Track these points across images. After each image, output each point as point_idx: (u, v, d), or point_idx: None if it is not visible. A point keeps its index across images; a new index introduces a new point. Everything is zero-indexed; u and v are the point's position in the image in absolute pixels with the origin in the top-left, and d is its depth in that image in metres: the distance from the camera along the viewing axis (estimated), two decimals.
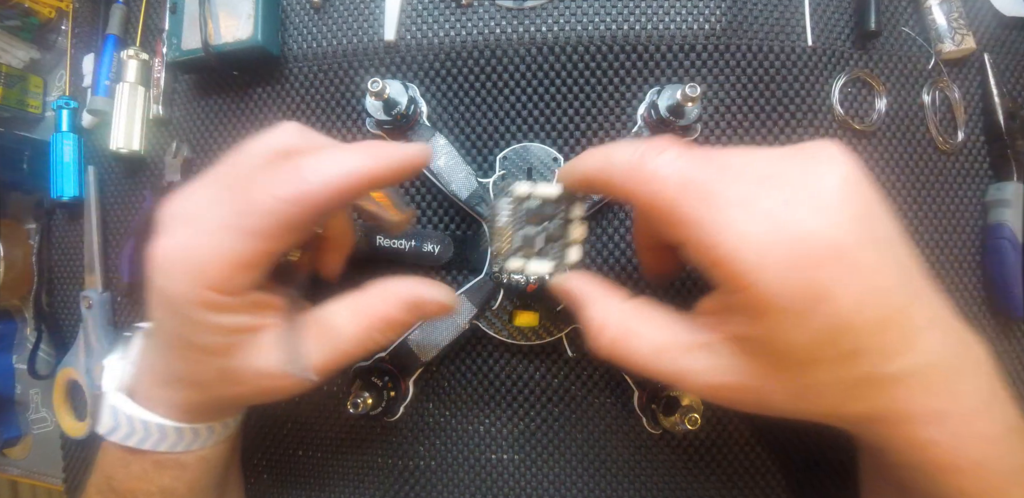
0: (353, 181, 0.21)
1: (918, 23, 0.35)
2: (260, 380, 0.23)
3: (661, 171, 0.19)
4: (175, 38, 0.35)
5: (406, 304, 0.24)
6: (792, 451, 0.32)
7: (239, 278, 0.21)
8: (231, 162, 0.23)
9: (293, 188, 0.20)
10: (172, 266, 0.21)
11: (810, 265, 0.17)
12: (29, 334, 0.44)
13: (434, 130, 0.32)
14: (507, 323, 0.31)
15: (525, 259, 0.26)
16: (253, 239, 0.21)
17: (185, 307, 0.21)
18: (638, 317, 0.22)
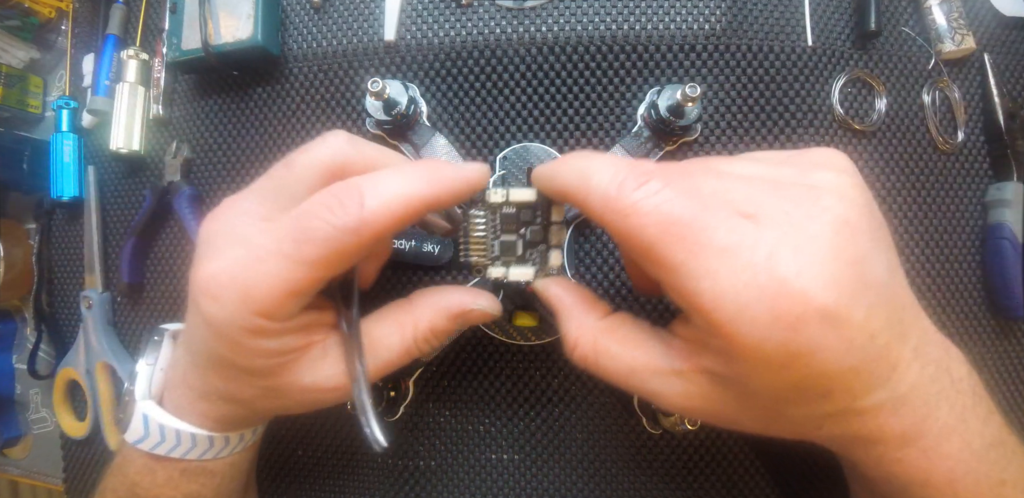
0: (412, 208, 0.20)
1: (918, 23, 0.35)
2: (304, 395, 0.23)
3: (641, 206, 0.18)
4: (175, 38, 0.35)
5: (452, 314, 0.24)
6: (797, 447, 0.32)
7: (290, 305, 0.21)
8: (279, 176, 0.23)
9: (352, 217, 0.19)
10: (221, 291, 0.21)
11: (792, 325, 0.16)
12: (29, 334, 0.44)
13: (434, 130, 0.32)
14: (507, 323, 0.31)
15: (505, 267, 0.25)
16: (308, 268, 0.20)
17: (233, 333, 0.21)
18: (612, 337, 0.22)
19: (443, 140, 0.32)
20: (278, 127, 0.36)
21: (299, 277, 0.20)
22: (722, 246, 0.17)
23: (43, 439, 0.44)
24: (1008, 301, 0.33)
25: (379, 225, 0.20)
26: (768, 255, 0.17)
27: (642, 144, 0.31)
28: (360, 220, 0.19)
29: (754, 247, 0.17)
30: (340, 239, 0.20)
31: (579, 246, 0.33)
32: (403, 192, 0.20)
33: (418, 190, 0.21)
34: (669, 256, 0.18)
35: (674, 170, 0.19)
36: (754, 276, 0.17)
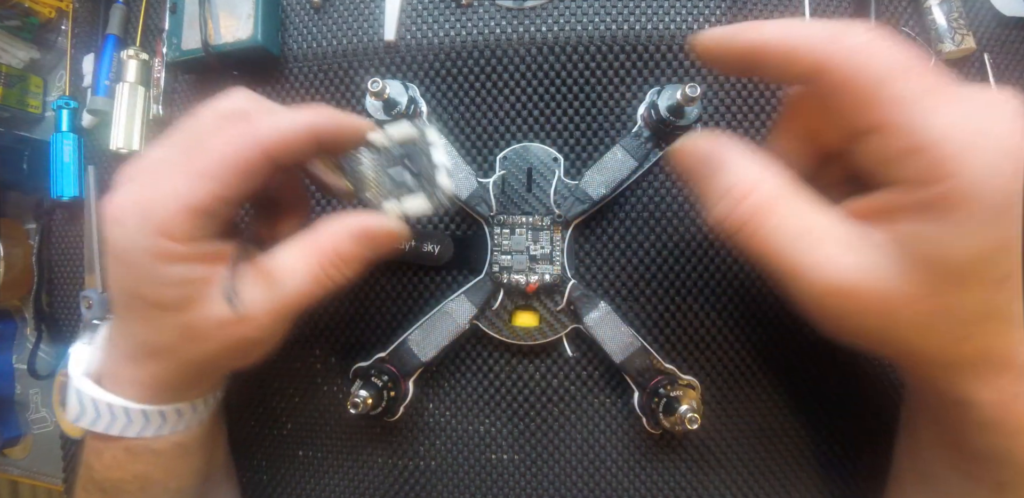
0: (299, 132, 0.22)
1: (918, 23, 0.34)
2: (222, 331, 0.23)
3: (878, 44, 0.18)
4: (175, 38, 0.35)
5: (355, 236, 0.24)
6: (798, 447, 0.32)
7: (191, 223, 0.21)
8: (184, 126, 0.23)
9: (243, 133, 0.21)
10: (124, 216, 0.21)
11: (1017, 166, 0.16)
12: (29, 334, 0.44)
13: None
14: (507, 323, 0.32)
15: (398, 200, 0.25)
16: (203, 180, 0.21)
17: (138, 257, 0.21)
18: (794, 190, 0.20)
19: (443, 140, 0.32)
20: None
21: (197, 190, 0.21)
22: (955, 91, 0.17)
23: (43, 439, 0.44)
24: None
25: (268, 142, 0.22)
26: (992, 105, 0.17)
27: (642, 144, 0.31)
28: (250, 135, 0.21)
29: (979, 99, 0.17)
30: (233, 153, 0.21)
31: (579, 246, 0.33)
32: (291, 118, 0.22)
33: (304, 119, 0.23)
34: (903, 90, 0.17)
35: None
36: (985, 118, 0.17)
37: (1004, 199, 0.16)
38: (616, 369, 0.31)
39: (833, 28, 0.18)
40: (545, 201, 0.31)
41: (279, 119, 0.22)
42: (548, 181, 0.31)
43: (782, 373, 0.32)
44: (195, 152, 0.21)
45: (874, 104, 0.18)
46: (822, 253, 0.19)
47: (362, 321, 0.34)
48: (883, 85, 0.17)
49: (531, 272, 0.31)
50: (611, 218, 0.33)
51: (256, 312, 0.23)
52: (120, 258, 0.22)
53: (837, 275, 0.18)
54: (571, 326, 0.31)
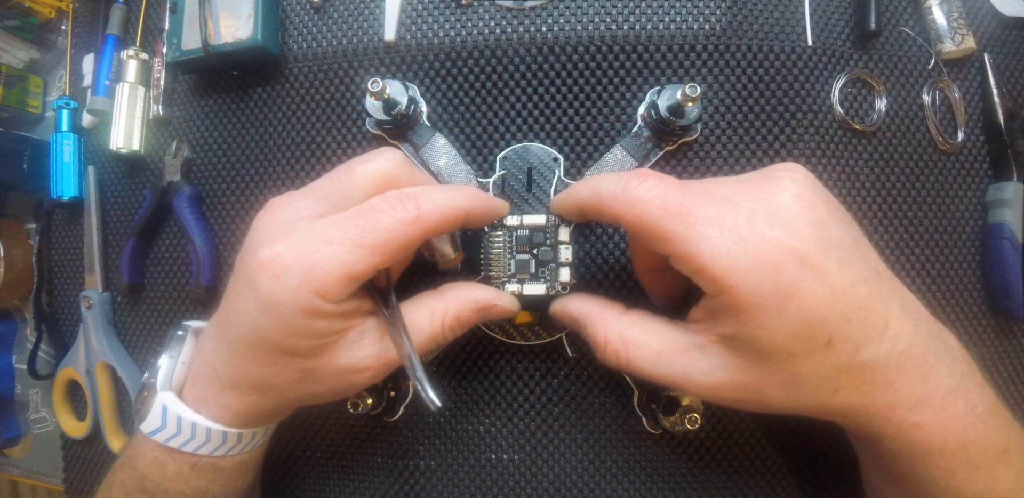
0: (457, 214, 0.24)
1: (918, 23, 0.35)
2: (338, 377, 0.24)
3: (644, 196, 0.22)
4: (175, 38, 0.35)
5: (479, 307, 0.27)
6: (797, 447, 0.32)
7: (346, 288, 0.23)
8: (338, 180, 0.25)
9: (411, 213, 0.23)
10: (284, 270, 0.22)
11: (775, 268, 0.20)
12: (29, 334, 0.44)
13: (434, 130, 0.32)
14: (507, 323, 0.32)
15: (520, 283, 0.29)
16: (370, 254, 0.22)
17: (288, 311, 0.22)
18: (635, 327, 0.25)
19: (443, 140, 0.32)
20: (278, 127, 0.36)
21: (359, 261, 0.22)
22: (711, 216, 0.21)
23: (43, 439, 0.44)
24: (1008, 301, 0.33)
25: (430, 221, 0.23)
26: (747, 219, 0.21)
27: (642, 144, 0.31)
28: (417, 216, 0.23)
29: (735, 215, 0.21)
30: (399, 230, 0.23)
31: (579, 246, 0.33)
32: (450, 199, 0.24)
33: (461, 201, 0.25)
34: (671, 229, 0.21)
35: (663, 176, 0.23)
36: (738, 234, 0.20)
37: (773, 299, 0.20)
38: (616, 369, 0.31)
39: (617, 185, 0.23)
40: (545, 201, 0.31)
41: (440, 202, 0.24)
42: (548, 181, 0.31)
43: None
44: (364, 223, 0.23)
45: (657, 241, 0.22)
46: (678, 369, 0.23)
47: None
48: (657, 227, 0.21)
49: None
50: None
51: (376, 363, 0.25)
52: (269, 310, 0.23)
53: (699, 380, 0.23)
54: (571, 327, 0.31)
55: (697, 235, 0.21)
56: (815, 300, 0.20)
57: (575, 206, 0.26)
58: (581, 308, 0.27)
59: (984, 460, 0.22)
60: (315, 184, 0.26)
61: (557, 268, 0.28)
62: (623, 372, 0.25)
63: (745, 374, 0.22)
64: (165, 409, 0.25)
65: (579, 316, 0.27)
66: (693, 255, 0.21)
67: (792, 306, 0.20)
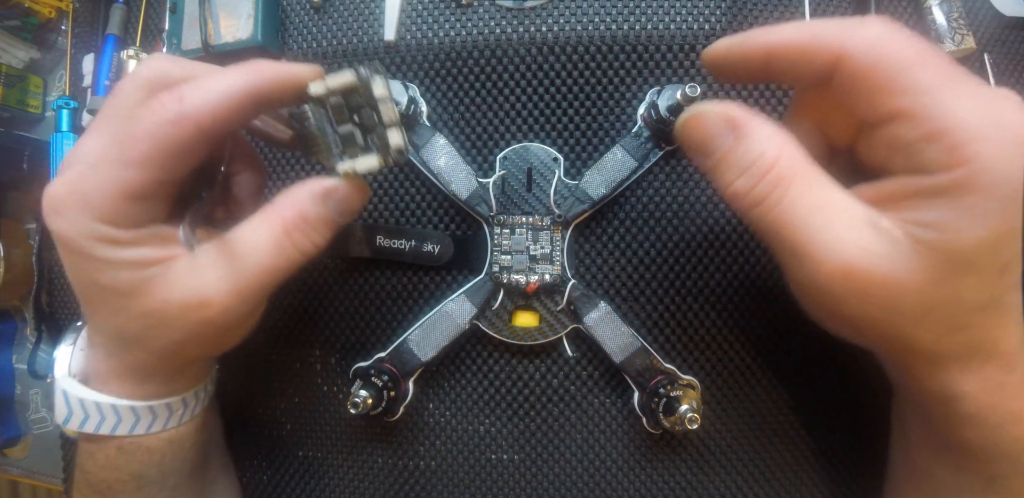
0: (235, 99, 0.21)
1: (918, 23, 0.34)
2: (184, 315, 0.22)
3: (895, 35, 0.18)
4: (175, 38, 0.35)
5: (317, 195, 0.23)
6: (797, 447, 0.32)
7: (130, 209, 0.21)
8: (110, 103, 0.23)
9: (171, 110, 0.20)
10: (61, 205, 0.21)
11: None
12: (29, 334, 0.44)
13: (434, 130, 0.32)
14: (507, 323, 0.32)
15: (352, 159, 0.23)
16: (136, 166, 0.20)
17: (84, 244, 0.21)
18: (812, 166, 0.20)
19: (443, 140, 0.32)
20: None
21: (130, 177, 0.20)
22: (972, 82, 0.18)
23: (43, 439, 0.44)
24: None
25: (202, 114, 0.20)
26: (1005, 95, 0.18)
27: (642, 144, 0.31)
28: (179, 112, 0.20)
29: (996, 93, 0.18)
30: (163, 133, 0.20)
31: (579, 246, 0.33)
32: (223, 85, 0.21)
33: (235, 82, 0.21)
34: (921, 79, 0.18)
35: None
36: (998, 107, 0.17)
37: (1013, 187, 0.17)
38: (616, 369, 0.31)
39: (848, 22, 0.19)
40: (545, 201, 0.31)
41: (208, 87, 0.21)
42: (548, 181, 0.31)
43: (782, 372, 0.32)
44: (125, 136, 0.21)
45: (894, 92, 0.18)
46: (835, 231, 0.19)
47: (362, 321, 0.34)
48: (902, 74, 0.18)
49: (531, 272, 0.31)
50: (611, 218, 0.33)
51: (219, 293, 0.22)
52: (68, 247, 0.21)
53: (847, 256, 0.18)
54: (571, 326, 0.31)
55: (953, 93, 0.17)
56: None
57: (765, 47, 0.20)
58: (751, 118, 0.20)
59: None
60: (94, 118, 0.23)
61: (384, 130, 0.23)
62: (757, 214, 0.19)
63: (908, 271, 0.18)
64: (66, 394, 0.24)
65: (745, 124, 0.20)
66: (941, 114, 0.17)
67: (1016, 206, 0.17)
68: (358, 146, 0.23)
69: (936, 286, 0.18)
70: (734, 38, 0.22)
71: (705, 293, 0.32)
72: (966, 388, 0.20)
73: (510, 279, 0.31)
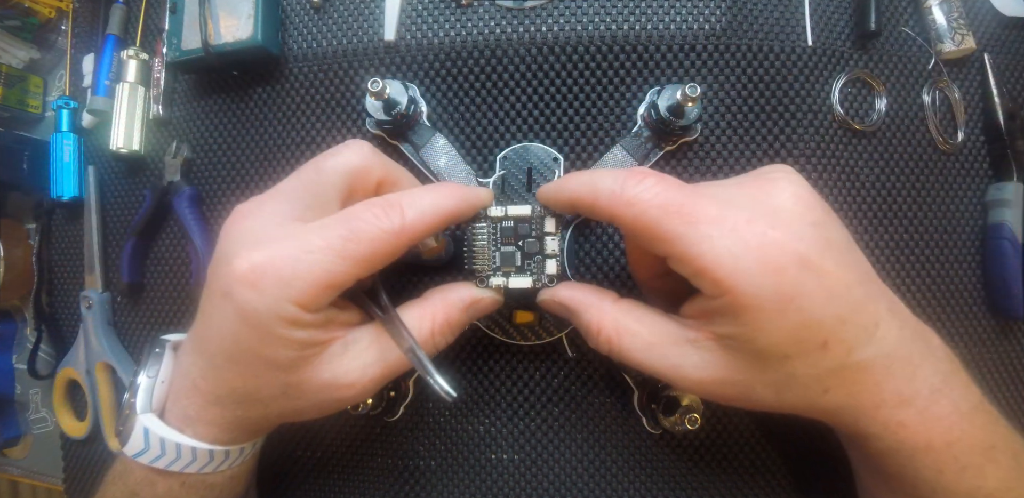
0: (441, 218, 0.24)
1: (918, 23, 0.35)
2: (323, 392, 0.24)
3: (643, 195, 0.21)
4: (175, 38, 0.35)
5: (464, 305, 0.26)
6: (797, 447, 0.32)
7: (326, 298, 0.22)
8: (307, 178, 0.25)
9: (396, 222, 0.23)
10: (263, 279, 0.22)
11: (778, 270, 0.20)
12: (29, 334, 0.44)
13: (434, 130, 0.32)
14: (507, 323, 0.32)
15: (505, 276, 0.27)
16: (352, 263, 0.22)
17: (268, 321, 0.22)
18: (629, 316, 0.24)
19: (443, 140, 0.32)
20: (278, 127, 0.36)
21: (341, 271, 0.22)
22: (712, 216, 0.21)
23: (43, 439, 0.44)
24: (1008, 301, 0.33)
25: (416, 230, 0.23)
26: (748, 220, 0.20)
27: (642, 144, 0.31)
28: (402, 225, 0.23)
29: (736, 216, 0.21)
30: (383, 240, 0.22)
31: (579, 246, 0.33)
32: (433, 204, 0.24)
33: (445, 203, 0.24)
34: (671, 230, 0.21)
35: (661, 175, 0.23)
36: (740, 235, 0.20)
37: (774, 301, 0.20)
38: (616, 369, 0.31)
39: (615, 182, 0.22)
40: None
41: (423, 205, 0.23)
42: (548, 181, 0.31)
43: None
44: (349, 232, 0.22)
45: (656, 242, 0.21)
46: (670, 360, 0.23)
47: None
48: (656, 227, 0.21)
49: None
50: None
51: (363, 379, 0.24)
52: (248, 320, 0.22)
53: (690, 374, 0.22)
54: (571, 326, 0.31)
55: (699, 236, 0.20)
56: (814, 302, 0.20)
57: (566, 200, 0.25)
58: (573, 296, 0.26)
59: (971, 458, 0.22)
60: (282, 186, 0.25)
61: (543, 260, 0.27)
62: (614, 359, 0.24)
63: (737, 372, 0.22)
64: (147, 432, 0.25)
65: (571, 304, 0.26)
66: (694, 256, 0.20)
67: (792, 308, 0.20)
68: (514, 266, 0.27)
69: (767, 374, 0.21)
70: (551, 186, 0.26)
71: None
72: (872, 430, 0.22)
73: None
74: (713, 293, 0.21)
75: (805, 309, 0.20)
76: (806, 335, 0.20)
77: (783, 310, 0.20)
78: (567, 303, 0.26)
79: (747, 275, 0.20)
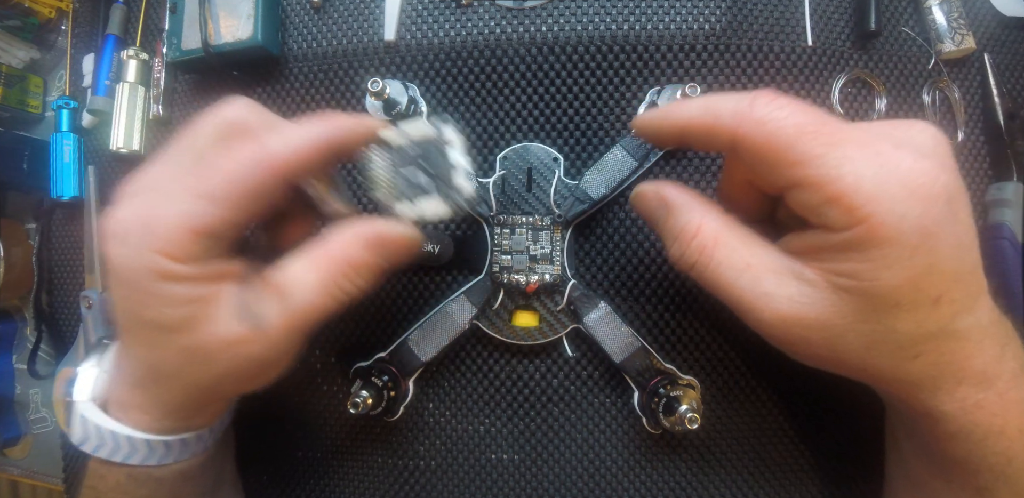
0: (312, 149, 0.22)
1: (918, 23, 0.35)
2: (229, 350, 0.22)
3: (777, 113, 0.20)
4: (175, 38, 0.35)
5: (367, 242, 0.23)
6: (797, 448, 0.32)
7: (194, 244, 0.21)
8: (186, 137, 0.23)
9: (254, 154, 0.21)
10: (125, 233, 0.21)
11: (924, 202, 0.18)
12: (29, 334, 0.44)
13: None
14: (507, 323, 0.32)
15: (411, 202, 0.24)
16: (212, 203, 0.20)
17: (139, 276, 0.20)
18: (733, 231, 0.22)
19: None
20: None
21: (202, 212, 0.20)
22: (856, 139, 0.19)
23: (43, 439, 0.44)
24: (1008, 301, 0.33)
25: (279, 161, 0.21)
26: (895, 146, 0.19)
27: (642, 144, 0.31)
28: (262, 155, 0.21)
29: (881, 141, 0.19)
30: (244, 175, 0.21)
31: (579, 246, 0.33)
32: (303, 133, 0.22)
33: (316, 132, 0.22)
34: (809, 150, 0.19)
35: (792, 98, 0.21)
36: (888, 158, 0.19)
37: (914, 235, 0.18)
38: (616, 369, 0.31)
39: (740, 102, 0.21)
40: (545, 201, 0.31)
41: (290, 137, 0.22)
42: (548, 181, 0.31)
43: (781, 373, 0.32)
44: (201, 171, 0.21)
45: (787, 165, 0.20)
46: (763, 287, 0.21)
47: (362, 321, 0.34)
48: (791, 148, 0.19)
49: (531, 272, 0.31)
50: (611, 218, 0.33)
51: (266, 329, 0.22)
52: (121, 276, 0.21)
53: (780, 307, 0.20)
54: (571, 326, 0.31)
55: (840, 156, 0.19)
56: (946, 249, 0.18)
57: (677, 125, 0.23)
58: (680, 193, 0.23)
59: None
60: (165, 148, 0.23)
61: (450, 174, 0.24)
62: (694, 276, 0.22)
63: (837, 315, 0.20)
64: (84, 420, 0.24)
65: (674, 200, 0.23)
66: (833, 178, 0.18)
67: (926, 248, 0.18)
68: (421, 190, 0.24)
69: (868, 324, 0.20)
70: (654, 113, 0.24)
71: (705, 293, 0.32)
72: (945, 408, 0.21)
73: (510, 279, 0.31)
74: (845, 223, 0.19)
75: (937, 252, 0.18)
76: (926, 284, 0.19)
77: (919, 247, 0.18)
78: (669, 198, 0.24)
79: (891, 202, 0.18)
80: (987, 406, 0.21)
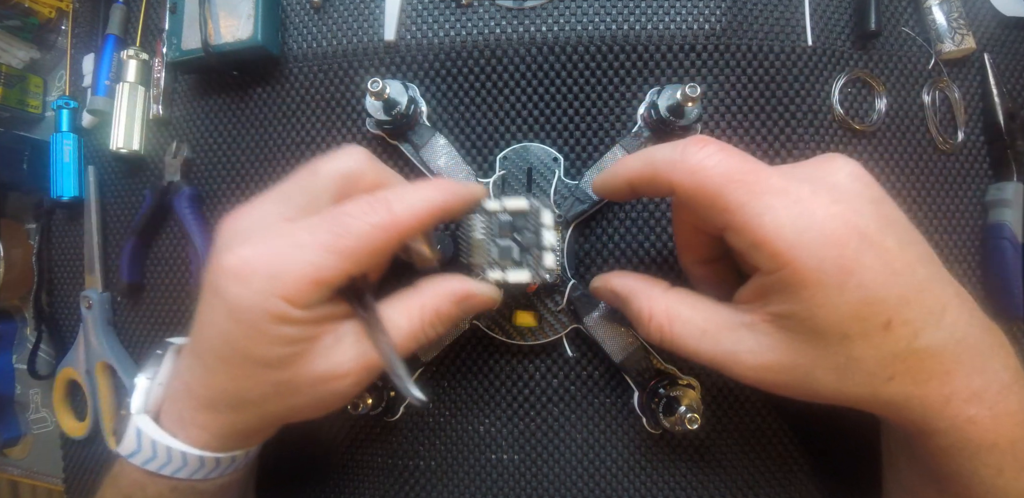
0: (432, 213, 0.24)
1: (918, 23, 0.35)
2: (318, 386, 0.23)
3: (706, 162, 0.21)
4: (175, 38, 0.35)
5: (457, 298, 0.25)
6: (797, 448, 0.32)
7: (315, 293, 0.22)
8: (303, 181, 0.25)
9: (384, 217, 0.23)
10: (251, 274, 0.22)
11: (839, 243, 0.19)
12: (29, 334, 0.44)
13: (434, 130, 0.32)
14: (507, 323, 0.32)
15: (502, 270, 0.27)
16: (341, 259, 0.22)
17: (255, 317, 0.21)
18: (681, 304, 0.24)
19: (443, 140, 0.32)
20: (278, 127, 0.36)
21: (330, 266, 0.22)
22: (775, 187, 0.20)
23: (43, 439, 0.44)
24: (1008, 301, 0.33)
25: (405, 224, 0.23)
26: (811, 193, 0.20)
27: (642, 144, 0.31)
28: (390, 219, 0.23)
29: (799, 188, 0.20)
30: (372, 235, 0.22)
31: (579, 246, 0.33)
32: (422, 199, 0.24)
33: (434, 197, 0.24)
34: (734, 199, 0.20)
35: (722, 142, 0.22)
36: (804, 207, 0.20)
37: (836, 275, 0.19)
38: (616, 369, 0.31)
39: (673, 151, 0.22)
40: (545, 201, 0.31)
41: (412, 202, 0.23)
42: (548, 181, 0.31)
43: None
44: (332, 227, 0.22)
45: (717, 211, 0.21)
46: (723, 346, 0.22)
47: None
48: (719, 196, 0.21)
49: None
50: (611, 218, 0.33)
51: (356, 368, 0.23)
52: (236, 314, 0.22)
53: (746, 360, 0.22)
54: (571, 326, 0.31)
55: (761, 205, 0.20)
56: (876, 279, 0.19)
57: (624, 180, 0.25)
58: (625, 283, 0.26)
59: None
60: (280, 187, 0.25)
61: (541, 253, 0.27)
62: (666, 348, 0.24)
63: (796, 355, 0.21)
64: (139, 433, 0.25)
65: (622, 291, 0.26)
66: (755, 226, 0.20)
67: (852, 284, 0.19)
68: (512, 260, 0.27)
69: (828, 358, 0.20)
70: (604, 174, 0.26)
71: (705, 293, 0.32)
72: (939, 426, 0.21)
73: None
74: (771, 267, 0.20)
75: (866, 286, 0.19)
76: (867, 313, 0.19)
77: (843, 285, 0.19)
78: (618, 290, 0.26)
79: (808, 248, 0.19)
80: (979, 421, 0.21)
